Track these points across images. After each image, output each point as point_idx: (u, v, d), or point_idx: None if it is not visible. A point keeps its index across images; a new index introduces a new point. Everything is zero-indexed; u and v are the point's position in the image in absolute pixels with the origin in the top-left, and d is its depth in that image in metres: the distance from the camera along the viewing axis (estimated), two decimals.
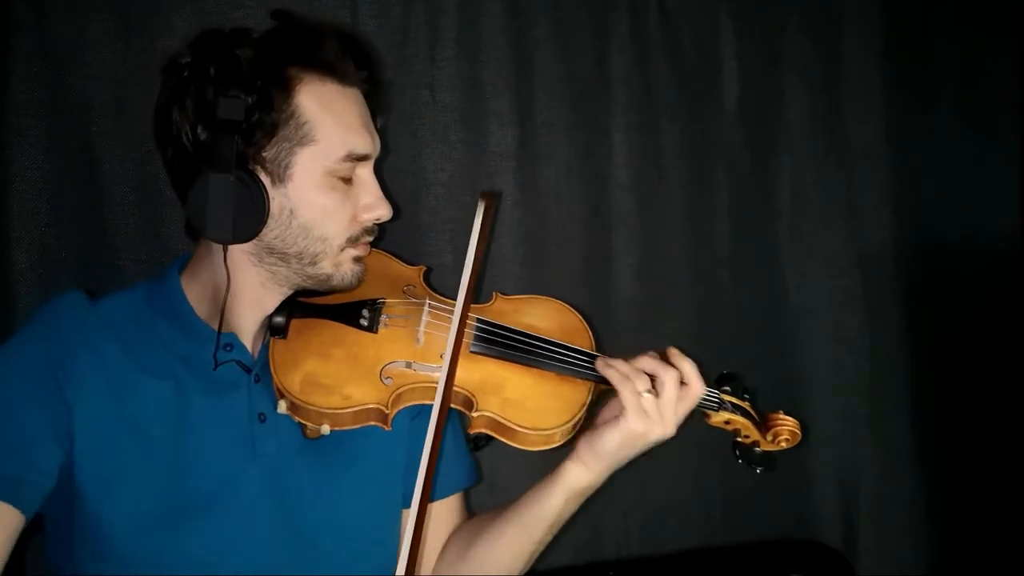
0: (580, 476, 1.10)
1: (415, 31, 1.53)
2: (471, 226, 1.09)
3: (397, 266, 1.23)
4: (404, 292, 1.17)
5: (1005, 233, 1.91)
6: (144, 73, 1.39)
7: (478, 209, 1.12)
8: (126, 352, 1.05)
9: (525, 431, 1.06)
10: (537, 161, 1.62)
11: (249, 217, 1.02)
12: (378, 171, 1.13)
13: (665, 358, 1.11)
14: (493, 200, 1.18)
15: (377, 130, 1.13)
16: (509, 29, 1.57)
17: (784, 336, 1.79)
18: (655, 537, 1.70)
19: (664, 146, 1.69)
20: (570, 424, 1.08)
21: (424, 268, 1.24)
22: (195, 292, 1.11)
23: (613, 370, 1.08)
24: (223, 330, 1.08)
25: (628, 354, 1.16)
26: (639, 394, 1.05)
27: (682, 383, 1.09)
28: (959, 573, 1.90)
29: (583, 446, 1.09)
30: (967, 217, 1.89)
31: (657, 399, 1.06)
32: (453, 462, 1.25)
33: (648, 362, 1.09)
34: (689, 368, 1.09)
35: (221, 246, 1.04)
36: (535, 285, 1.60)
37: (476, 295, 1.17)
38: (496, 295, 1.22)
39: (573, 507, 1.14)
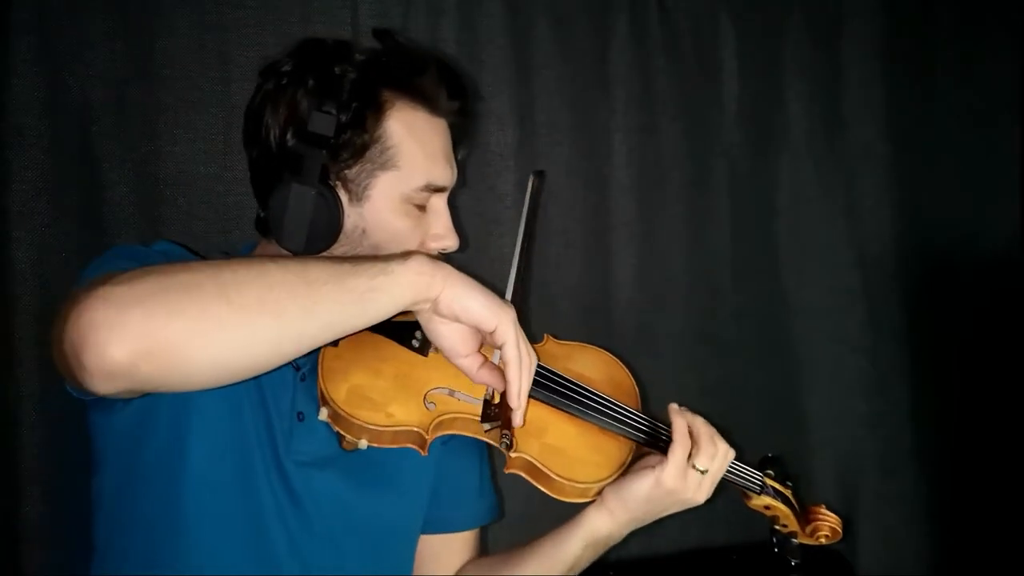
0: (603, 524, 1.09)
1: (415, 31, 1.53)
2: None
3: None
4: None
5: (1005, 233, 1.91)
6: (144, 73, 1.40)
7: (528, 187, 1.11)
8: None
9: (562, 480, 1.04)
10: (537, 161, 1.62)
11: (323, 231, 1.02)
12: (452, 201, 1.12)
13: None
14: (541, 180, 1.16)
15: (457, 162, 1.13)
16: (509, 29, 1.57)
17: (784, 336, 1.79)
18: (655, 537, 1.70)
19: (664, 146, 1.70)
20: (608, 481, 1.07)
21: None
22: None
23: (682, 423, 1.07)
24: None
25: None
26: (689, 460, 1.05)
27: None
28: (959, 573, 1.89)
29: (609, 492, 1.08)
30: (967, 217, 1.89)
31: (703, 474, 1.06)
32: (476, 496, 1.25)
33: (705, 430, 1.08)
34: (720, 439, 1.10)
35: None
36: (535, 285, 1.61)
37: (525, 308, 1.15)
38: (547, 337, 1.20)
39: (592, 555, 1.12)
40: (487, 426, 0.98)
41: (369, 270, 0.86)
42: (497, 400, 0.98)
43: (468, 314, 0.91)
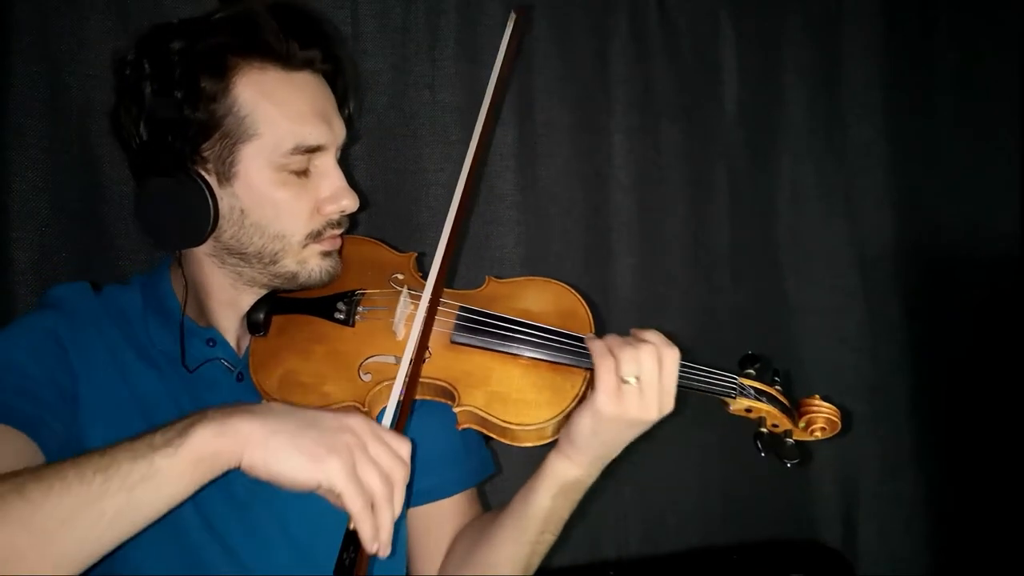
0: (564, 469, 1.01)
1: (415, 31, 1.53)
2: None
3: (386, 254, 1.17)
4: (391, 281, 1.11)
5: (1005, 233, 1.92)
6: None
7: (508, 24, 1.01)
8: (126, 340, 1.04)
9: (513, 427, 0.98)
10: (537, 161, 1.62)
11: (194, 222, 0.98)
12: (347, 159, 1.08)
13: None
14: (524, 15, 1.06)
15: (348, 115, 1.07)
16: None
17: (784, 336, 1.79)
18: (655, 537, 1.70)
19: (664, 146, 1.70)
20: (562, 416, 0.99)
21: (415, 255, 1.17)
22: (179, 288, 1.09)
23: (599, 343, 0.98)
24: (207, 325, 1.07)
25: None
26: (617, 375, 0.95)
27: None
28: (959, 573, 1.90)
29: (562, 435, 1.00)
30: (967, 217, 1.89)
31: (637, 383, 0.95)
32: (457, 458, 1.18)
33: (618, 340, 0.99)
34: (657, 338, 0.99)
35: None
36: None
37: (452, 276, 1.10)
38: (489, 279, 1.14)
39: (567, 504, 1.05)
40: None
41: (129, 465, 0.77)
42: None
43: (284, 480, 0.79)
